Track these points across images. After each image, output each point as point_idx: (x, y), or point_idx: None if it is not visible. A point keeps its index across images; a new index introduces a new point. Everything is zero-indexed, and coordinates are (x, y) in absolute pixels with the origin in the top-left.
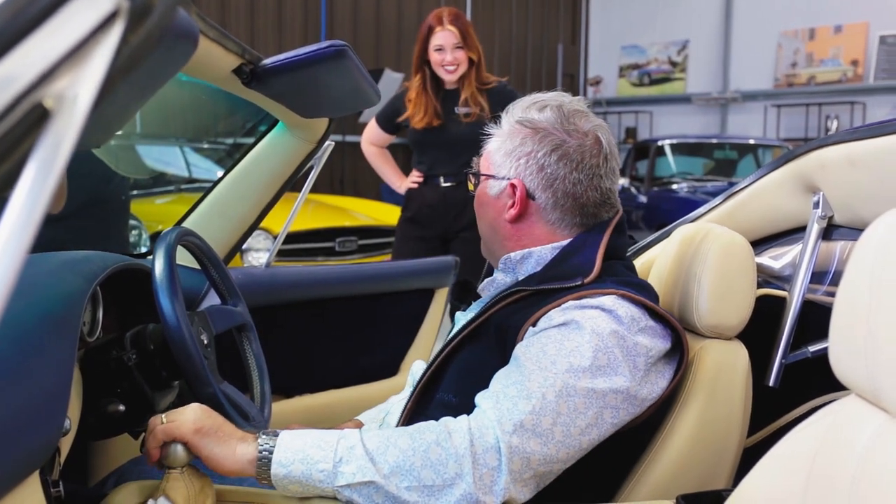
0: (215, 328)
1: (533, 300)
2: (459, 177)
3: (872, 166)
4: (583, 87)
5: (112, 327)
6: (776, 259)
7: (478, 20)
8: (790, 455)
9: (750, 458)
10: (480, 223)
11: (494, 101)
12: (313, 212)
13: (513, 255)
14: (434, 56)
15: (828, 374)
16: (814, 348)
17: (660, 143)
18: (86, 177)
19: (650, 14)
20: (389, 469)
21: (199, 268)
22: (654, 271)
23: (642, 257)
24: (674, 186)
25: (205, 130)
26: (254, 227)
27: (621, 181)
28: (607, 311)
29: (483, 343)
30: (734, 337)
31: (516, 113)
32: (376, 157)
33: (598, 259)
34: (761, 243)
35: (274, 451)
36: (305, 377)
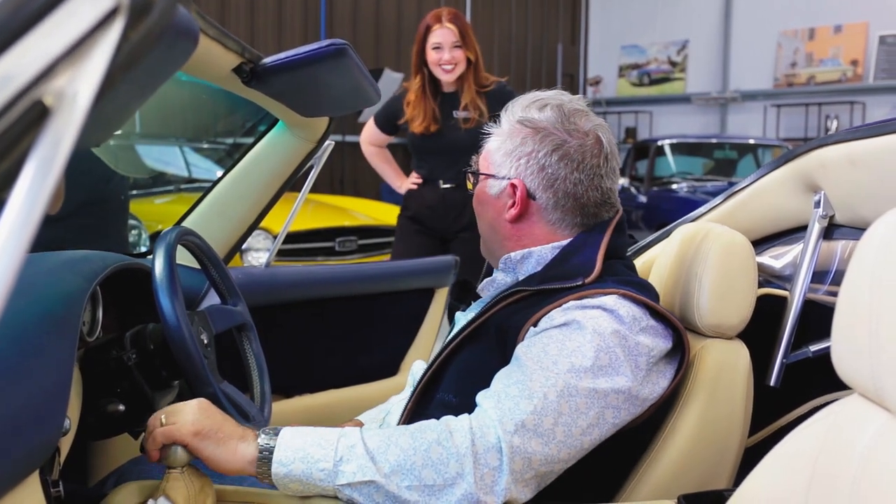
0: (215, 328)
1: (534, 300)
2: (459, 179)
3: (873, 165)
4: (582, 86)
5: (112, 327)
6: (777, 258)
7: (477, 20)
8: (792, 454)
9: (751, 457)
10: (480, 223)
11: (493, 104)
12: (313, 212)
13: (513, 254)
14: (431, 55)
15: (829, 374)
16: (815, 348)
17: (659, 143)
18: (85, 176)
19: (650, 14)
20: (390, 468)
21: (199, 267)
22: (654, 271)
23: (643, 257)
24: (673, 186)
25: (204, 130)
26: (254, 227)
27: (621, 181)
28: (609, 311)
29: (483, 343)
30: (735, 336)
31: (516, 112)
32: (376, 156)
33: (599, 259)
34: (762, 243)
35: (274, 450)
36: (305, 377)
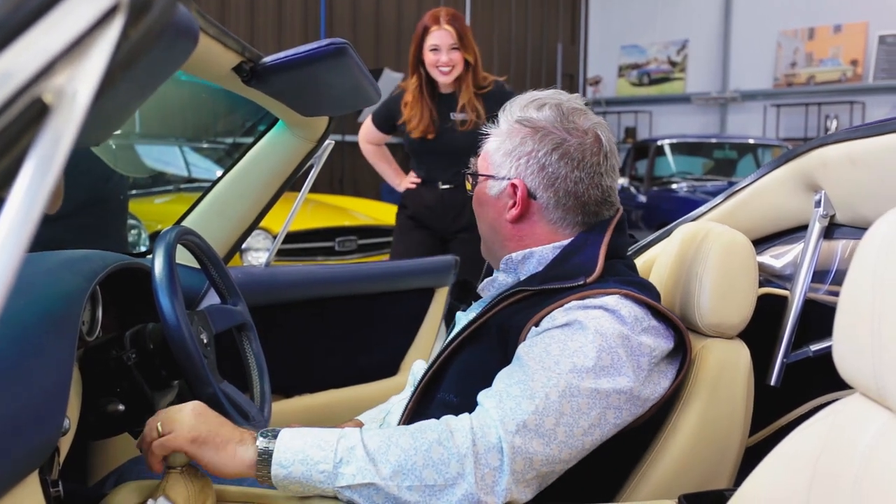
0: (215, 327)
1: (535, 300)
2: (457, 180)
3: (874, 165)
4: (582, 86)
5: (111, 326)
6: (777, 258)
7: (477, 20)
8: (793, 454)
9: (752, 457)
10: (480, 224)
11: (491, 105)
12: (313, 211)
13: (514, 255)
14: (429, 56)
15: (829, 373)
16: (815, 347)
17: (659, 143)
18: (85, 175)
19: (650, 14)
20: (391, 469)
21: (198, 267)
22: (655, 270)
23: (643, 256)
24: (673, 186)
25: (204, 130)
26: (253, 227)
27: (621, 181)
28: (611, 311)
29: (484, 343)
30: (736, 336)
31: (514, 112)
32: (374, 155)
33: (601, 258)
34: (763, 242)
35: (273, 452)
36: (305, 377)
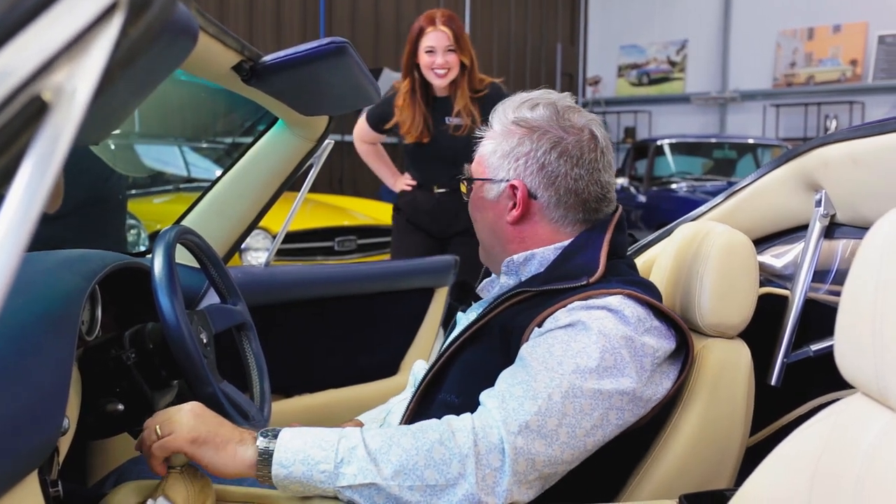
0: (215, 327)
1: (538, 300)
2: (453, 184)
3: (875, 164)
4: (581, 86)
5: (111, 326)
6: (778, 258)
7: (476, 20)
8: (795, 454)
9: (752, 457)
10: (478, 229)
11: (488, 109)
12: (312, 211)
13: (515, 257)
14: (424, 58)
15: (829, 373)
16: (816, 347)
17: (659, 143)
18: (84, 174)
19: (649, 14)
20: (392, 470)
21: (198, 266)
22: (655, 270)
23: (643, 256)
24: (673, 186)
25: (203, 130)
26: (253, 226)
27: (620, 181)
28: (614, 312)
29: (486, 343)
30: (736, 336)
31: (508, 113)
32: (370, 154)
33: (602, 258)
34: (763, 242)
35: (274, 452)
36: (305, 377)
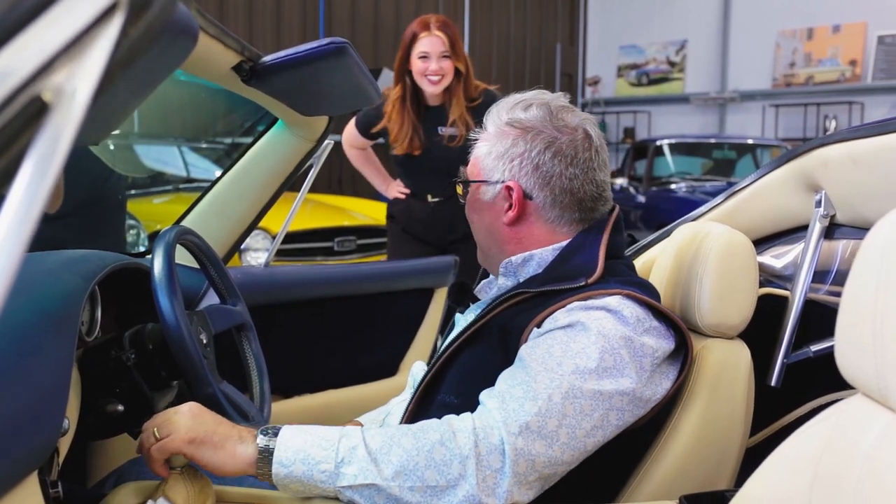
0: (214, 328)
1: (536, 301)
2: (448, 193)
3: (875, 165)
4: (581, 87)
5: (111, 327)
6: (778, 258)
7: (476, 20)
8: (795, 455)
9: (752, 458)
10: (475, 230)
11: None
12: (312, 211)
13: (514, 258)
14: (417, 64)
15: (829, 374)
16: (816, 348)
17: (658, 143)
18: (83, 174)
19: (648, 14)
20: (392, 470)
21: (198, 267)
22: (655, 271)
23: (643, 257)
24: (672, 186)
25: (203, 130)
26: (253, 227)
27: (620, 181)
28: (613, 312)
29: (485, 344)
30: (736, 336)
31: (502, 115)
32: (359, 159)
33: (601, 258)
34: (763, 242)
35: (274, 451)
36: (304, 377)
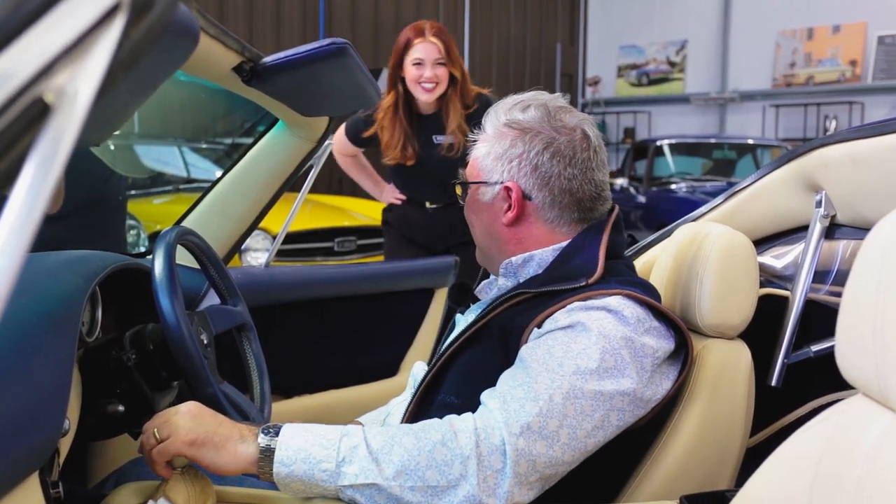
0: (215, 328)
1: (536, 302)
2: (445, 199)
3: (875, 165)
4: (581, 87)
5: (111, 327)
6: (778, 258)
7: (476, 20)
8: (796, 455)
9: (753, 458)
10: (475, 232)
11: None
12: (312, 212)
13: (514, 259)
14: (411, 71)
15: (830, 374)
16: (816, 348)
17: (658, 143)
18: (84, 175)
19: (648, 14)
20: (394, 470)
21: (198, 267)
22: (655, 271)
23: (643, 257)
24: (672, 186)
25: (203, 130)
26: (253, 227)
27: (620, 181)
28: (613, 312)
29: (485, 344)
30: (736, 336)
31: (500, 116)
32: (351, 166)
33: (601, 258)
34: (763, 242)
35: (275, 450)
36: (305, 377)
